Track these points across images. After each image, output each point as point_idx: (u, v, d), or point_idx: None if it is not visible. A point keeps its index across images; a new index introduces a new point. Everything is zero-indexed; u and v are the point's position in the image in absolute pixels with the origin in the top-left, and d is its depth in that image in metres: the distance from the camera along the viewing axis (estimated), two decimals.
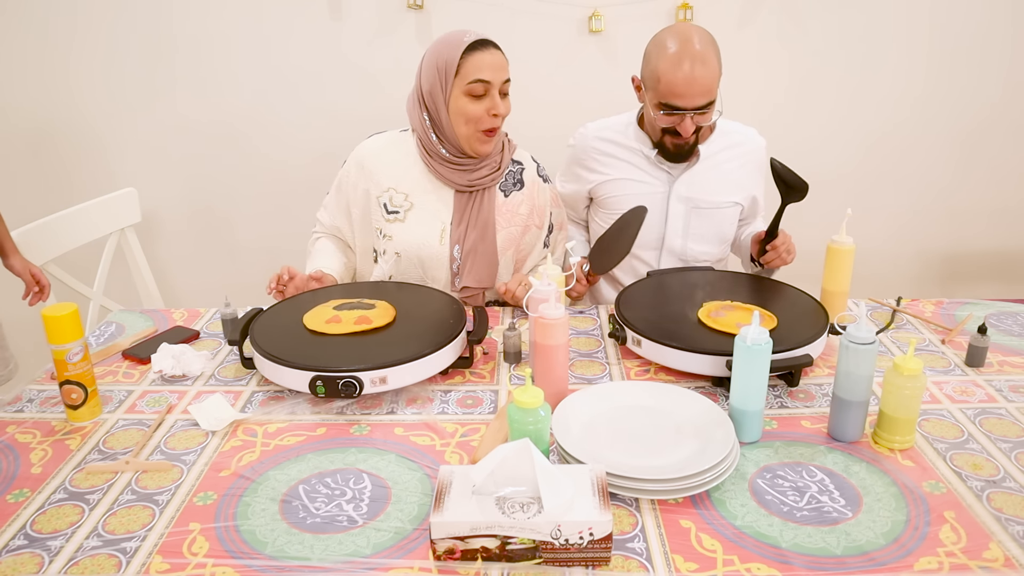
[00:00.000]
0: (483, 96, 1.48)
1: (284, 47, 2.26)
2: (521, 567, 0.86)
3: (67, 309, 1.13)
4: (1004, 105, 2.35)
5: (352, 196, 1.62)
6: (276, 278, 1.46)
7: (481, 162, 1.57)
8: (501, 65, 1.49)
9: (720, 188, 1.68)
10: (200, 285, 2.54)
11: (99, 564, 0.87)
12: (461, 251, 1.56)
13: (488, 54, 1.47)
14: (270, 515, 0.95)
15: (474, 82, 1.46)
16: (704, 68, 1.48)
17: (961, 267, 2.57)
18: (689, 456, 1.00)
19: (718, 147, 1.68)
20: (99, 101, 2.31)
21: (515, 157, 1.65)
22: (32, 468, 1.05)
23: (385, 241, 1.58)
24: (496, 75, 1.48)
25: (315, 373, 1.17)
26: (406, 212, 1.57)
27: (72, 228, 1.82)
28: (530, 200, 1.64)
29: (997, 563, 0.86)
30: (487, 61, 1.47)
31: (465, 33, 1.49)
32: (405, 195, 1.57)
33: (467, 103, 1.48)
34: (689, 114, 1.52)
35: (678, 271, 1.60)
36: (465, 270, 1.56)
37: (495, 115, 1.49)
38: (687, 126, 1.54)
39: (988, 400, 1.20)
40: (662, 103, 1.53)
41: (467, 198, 1.58)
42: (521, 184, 1.63)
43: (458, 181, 1.56)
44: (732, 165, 1.69)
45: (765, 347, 1.03)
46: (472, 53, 1.46)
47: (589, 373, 1.30)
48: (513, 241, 1.62)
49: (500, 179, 1.60)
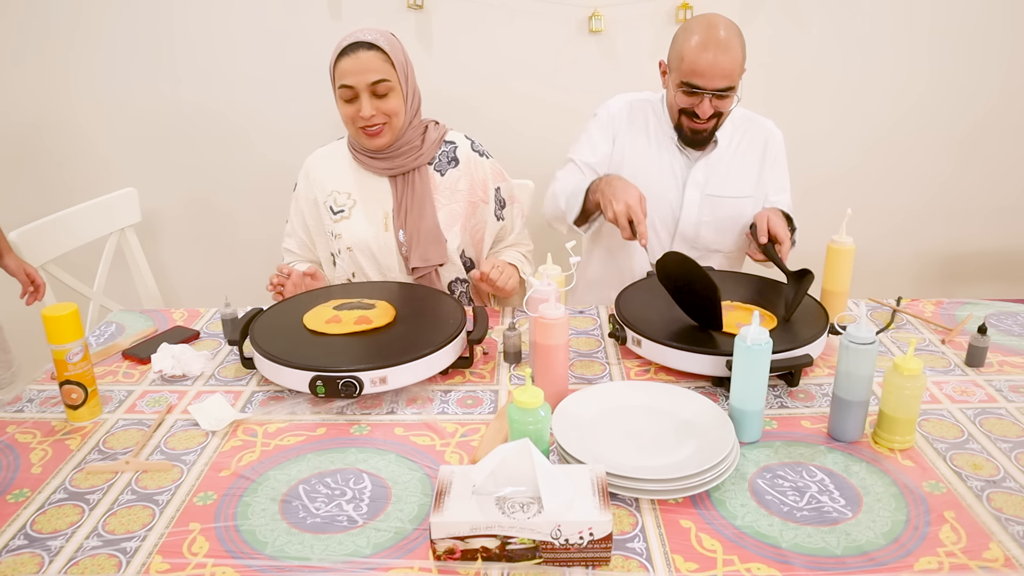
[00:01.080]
0: (352, 100, 1.53)
1: (284, 47, 2.26)
2: (521, 567, 0.86)
3: (67, 309, 1.13)
4: (1004, 104, 2.35)
5: (305, 209, 1.69)
6: (275, 276, 1.48)
7: (397, 151, 1.61)
8: (367, 68, 1.50)
9: (736, 180, 1.70)
10: (200, 285, 2.54)
11: (99, 564, 0.87)
12: (406, 234, 1.61)
13: (352, 59, 1.50)
14: (270, 515, 0.95)
15: (341, 87, 1.53)
16: (726, 52, 1.52)
17: (961, 267, 2.56)
18: (689, 456, 1.00)
19: (734, 135, 1.71)
20: (99, 101, 2.31)
21: (448, 138, 1.69)
22: (32, 468, 1.05)
23: (337, 241, 1.64)
24: (359, 79, 1.50)
25: (315, 373, 1.17)
26: (350, 209, 1.63)
27: (72, 228, 1.82)
28: (468, 175, 1.67)
29: (997, 563, 0.86)
30: (349, 66, 1.50)
31: (348, 36, 1.53)
32: (348, 193, 1.64)
33: (342, 106, 1.56)
34: (708, 95, 1.55)
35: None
36: (411, 251, 1.60)
37: (362, 117, 1.53)
38: (705, 108, 1.56)
39: (988, 400, 1.20)
40: (683, 82, 1.56)
41: (402, 183, 1.63)
42: (456, 161, 1.67)
43: (383, 167, 1.62)
44: (747, 156, 1.71)
45: (765, 347, 1.03)
46: (341, 59, 1.52)
47: (589, 373, 1.30)
48: (457, 217, 1.65)
49: (428, 159, 1.64)
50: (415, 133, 1.63)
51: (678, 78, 1.58)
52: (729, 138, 1.70)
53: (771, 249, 1.52)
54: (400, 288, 1.52)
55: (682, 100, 1.59)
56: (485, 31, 2.22)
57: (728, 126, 1.70)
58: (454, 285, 1.70)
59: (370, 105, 1.52)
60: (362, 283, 1.58)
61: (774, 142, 1.74)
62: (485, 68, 2.26)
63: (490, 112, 2.28)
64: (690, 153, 1.69)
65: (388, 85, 1.52)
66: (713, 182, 1.68)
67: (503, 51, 2.24)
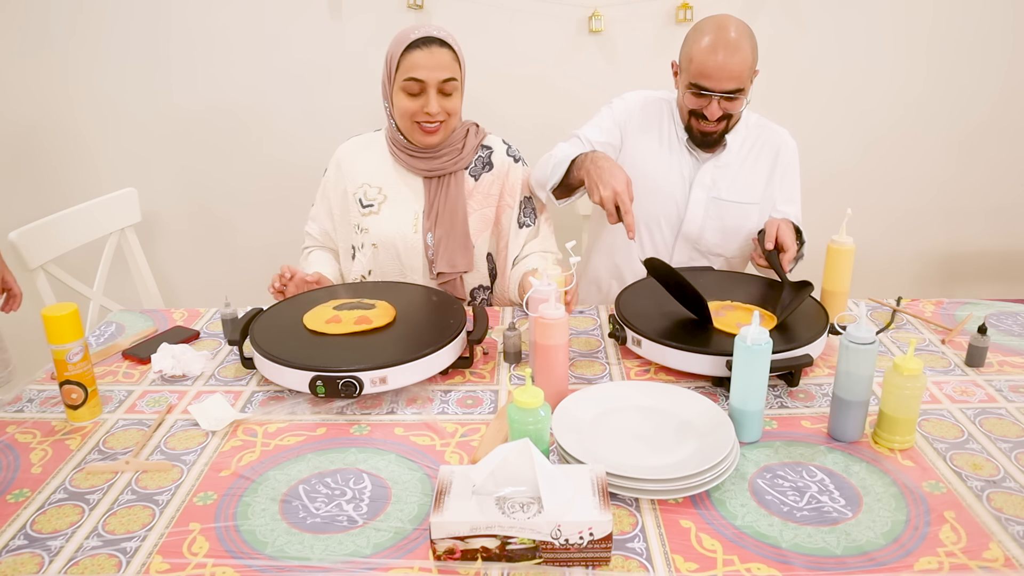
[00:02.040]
0: (418, 94, 1.51)
1: (284, 47, 2.26)
2: (521, 567, 0.86)
3: (67, 309, 1.13)
4: (1004, 103, 2.35)
5: (333, 197, 1.68)
6: (277, 277, 1.47)
7: (440, 149, 1.60)
8: (440, 64, 1.50)
9: (743, 185, 1.68)
10: (200, 285, 2.54)
11: (99, 564, 0.87)
12: (434, 238, 1.59)
13: (426, 53, 1.49)
14: (270, 515, 0.95)
15: (408, 80, 1.50)
16: (735, 55, 1.52)
17: (961, 267, 2.56)
18: (689, 456, 1.00)
19: (745, 140, 1.70)
20: (97, 102, 2.31)
21: (485, 143, 1.68)
22: (32, 468, 1.05)
23: (362, 235, 1.62)
24: (431, 74, 1.49)
25: (315, 373, 1.17)
26: (380, 204, 1.61)
27: (72, 228, 1.82)
28: (500, 179, 1.66)
29: (997, 563, 0.86)
30: (423, 60, 1.49)
31: (416, 29, 1.51)
32: (379, 188, 1.63)
33: (403, 99, 1.53)
34: (716, 97, 1.55)
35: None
36: (438, 256, 1.59)
37: (427, 113, 1.51)
38: (713, 109, 1.57)
39: (988, 400, 1.20)
40: (692, 83, 1.57)
41: (436, 185, 1.61)
42: (491, 166, 1.65)
43: (422, 168, 1.60)
44: (757, 163, 1.70)
45: (765, 347, 1.03)
46: (412, 51, 1.49)
47: (589, 373, 1.30)
48: (487, 223, 1.64)
49: (465, 164, 1.62)
50: (458, 136, 1.62)
51: (687, 79, 1.58)
52: (740, 143, 1.69)
53: (775, 256, 1.51)
54: (400, 288, 1.52)
55: (691, 101, 1.59)
56: (485, 31, 2.23)
57: (741, 130, 1.69)
58: (476, 292, 1.69)
59: (436, 102, 1.51)
60: (363, 283, 1.58)
61: (787, 151, 1.72)
62: (485, 68, 2.26)
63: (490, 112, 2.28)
64: (699, 154, 1.69)
65: (455, 85, 1.52)
66: (720, 185, 1.68)
67: (503, 51, 2.25)
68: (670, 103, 1.73)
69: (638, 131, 1.72)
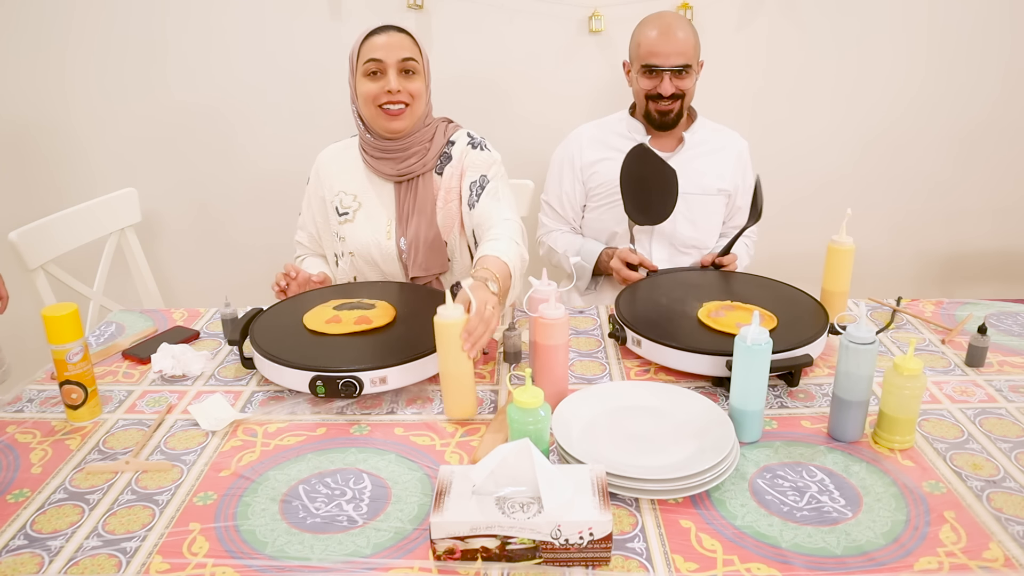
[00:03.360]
0: (378, 75, 1.52)
1: (284, 47, 2.26)
2: (521, 567, 0.86)
3: (67, 309, 1.13)
4: (1003, 103, 2.35)
5: (315, 205, 1.69)
6: (282, 276, 1.47)
7: (407, 149, 1.59)
8: (397, 45, 1.51)
9: (705, 176, 1.82)
10: (200, 285, 2.53)
11: (99, 564, 0.87)
12: (407, 242, 1.60)
13: (383, 36, 1.52)
14: (270, 515, 0.95)
15: (368, 62, 1.52)
16: (678, 32, 1.71)
17: (961, 267, 2.56)
18: (689, 456, 1.00)
19: (702, 138, 1.85)
20: (94, 103, 2.31)
21: (452, 138, 1.65)
22: (32, 468, 1.05)
23: (340, 243, 1.63)
24: (389, 54, 1.51)
25: (315, 373, 1.17)
26: (355, 212, 1.62)
27: (72, 228, 1.82)
28: (458, 169, 1.63)
29: (997, 563, 0.86)
30: (380, 42, 1.51)
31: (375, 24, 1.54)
32: (354, 196, 1.63)
33: (365, 84, 1.53)
34: (667, 73, 1.72)
35: (678, 271, 1.63)
36: (411, 260, 1.59)
37: (389, 91, 1.52)
38: (666, 86, 1.73)
39: (988, 400, 1.20)
40: (643, 65, 1.74)
41: (404, 190, 1.61)
42: (450, 158, 1.64)
43: (389, 172, 1.60)
44: (716, 156, 1.84)
45: (765, 347, 1.03)
46: (371, 37, 1.52)
47: (589, 373, 1.30)
48: (454, 216, 1.62)
49: (431, 167, 1.61)
50: (427, 134, 1.61)
51: (638, 65, 1.75)
52: (699, 142, 1.84)
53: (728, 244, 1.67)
54: (400, 288, 1.52)
55: (645, 84, 1.75)
56: (485, 31, 2.22)
57: (698, 131, 1.85)
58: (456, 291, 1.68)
59: (397, 80, 1.51)
60: (362, 283, 1.58)
61: (744, 149, 1.89)
62: (485, 68, 2.26)
63: (490, 112, 2.28)
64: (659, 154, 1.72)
65: (415, 65, 1.53)
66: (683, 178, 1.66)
67: (503, 51, 2.24)
68: (621, 116, 1.89)
69: (593, 157, 1.86)
